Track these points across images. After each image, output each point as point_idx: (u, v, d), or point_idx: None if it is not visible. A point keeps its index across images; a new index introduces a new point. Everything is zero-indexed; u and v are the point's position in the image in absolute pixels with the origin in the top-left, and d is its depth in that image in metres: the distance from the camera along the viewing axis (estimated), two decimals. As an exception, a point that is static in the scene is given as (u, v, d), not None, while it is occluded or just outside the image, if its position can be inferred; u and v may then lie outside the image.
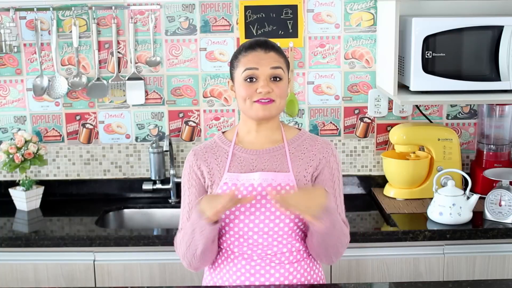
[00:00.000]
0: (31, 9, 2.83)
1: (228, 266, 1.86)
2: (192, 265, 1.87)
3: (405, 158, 2.82)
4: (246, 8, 2.83)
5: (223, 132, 1.96)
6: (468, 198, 2.50)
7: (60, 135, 2.98)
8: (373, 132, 2.97)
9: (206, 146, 1.93)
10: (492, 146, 2.83)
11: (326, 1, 2.85)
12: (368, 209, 2.78)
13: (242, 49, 1.84)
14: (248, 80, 1.80)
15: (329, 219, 1.74)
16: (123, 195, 3.00)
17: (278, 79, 1.81)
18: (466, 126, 2.97)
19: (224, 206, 1.70)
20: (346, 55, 2.90)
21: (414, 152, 2.83)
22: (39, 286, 2.48)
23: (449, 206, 2.46)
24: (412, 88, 2.55)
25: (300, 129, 1.96)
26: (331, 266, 2.47)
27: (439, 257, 2.47)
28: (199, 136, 2.97)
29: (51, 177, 3.01)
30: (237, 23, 2.86)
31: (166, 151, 2.87)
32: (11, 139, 2.92)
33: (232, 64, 1.87)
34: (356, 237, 2.40)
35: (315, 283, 1.91)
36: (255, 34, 2.83)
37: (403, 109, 2.93)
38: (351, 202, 1.98)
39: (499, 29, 2.48)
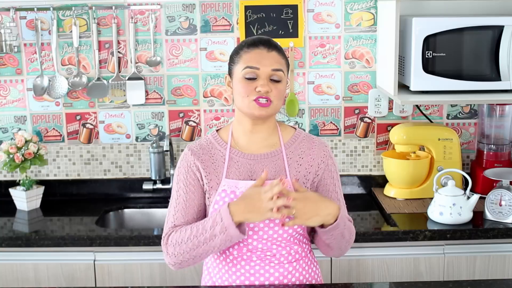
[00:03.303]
0: (32, 9, 2.83)
1: (227, 267, 1.86)
2: (181, 265, 1.83)
3: (406, 158, 2.82)
4: (247, 8, 2.84)
5: (217, 131, 1.93)
6: (468, 198, 2.50)
7: (61, 135, 2.98)
8: (374, 132, 2.97)
9: (202, 147, 1.89)
10: (492, 146, 2.83)
11: (326, 1, 2.85)
12: (368, 209, 2.78)
13: (244, 45, 1.82)
14: (248, 78, 1.78)
15: (337, 231, 1.79)
16: (123, 195, 3.00)
17: (277, 80, 1.79)
18: (466, 126, 2.97)
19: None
20: (346, 55, 2.90)
21: (414, 152, 2.83)
22: (39, 286, 2.48)
23: (449, 206, 2.46)
24: (412, 88, 2.55)
25: (295, 128, 1.94)
26: (331, 266, 2.47)
27: (439, 257, 2.47)
28: (199, 136, 2.97)
29: (51, 177, 3.01)
30: (237, 23, 2.86)
31: (167, 151, 2.87)
32: (12, 139, 2.92)
33: (232, 59, 1.83)
34: (356, 237, 2.38)
35: (313, 281, 1.91)
36: (255, 34, 2.83)
37: (403, 109, 2.93)
38: (351, 202, 1.99)
39: (499, 29, 2.48)
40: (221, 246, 1.76)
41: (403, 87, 2.64)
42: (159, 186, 2.95)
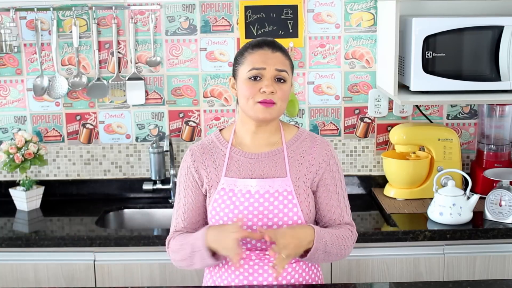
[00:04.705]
0: (31, 9, 2.83)
1: (226, 265, 1.86)
2: (183, 268, 1.89)
3: (405, 158, 2.82)
4: (247, 8, 2.84)
5: (220, 130, 1.94)
6: (468, 198, 2.50)
7: (60, 135, 2.98)
8: (373, 132, 2.97)
9: (204, 146, 1.90)
10: (492, 146, 2.83)
11: (326, 1, 2.85)
12: (368, 209, 2.78)
13: (249, 46, 1.82)
14: (252, 78, 1.78)
15: (319, 254, 1.79)
16: (123, 195, 3.00)
17: (282, 81, 1.79)
18: (466, 126, 2.97)
19: (237, 245, 1.68)
20: (346, 55, 2.90)
21: (414, 152, 2.83)
22: (39, 286, 2.48)
23: (449, 206, 2.46)
24: (412, 88, 2.55)
25: (298, 127, 1.94)
26: (331, 266, 2.47)
27: (439, 257, 2.47)
28: (199, 136, 2.97)
29: (51, 177, 3.01)
30: (237, 23, 2.86)
31: (166, 151, 2.87)
32: (12, 139, 2.92)
33: (237, 61, 1.84)
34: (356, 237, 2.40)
35: (314, 282, 1.91)
36: (255, 34, 2.83)
37: (403, 109, 2.93)
38: (351, 202, 1.98)
39: (499, 29, 2.48)
40: (202, 263, 1.79)
41: (403, 87, 2.64)
42: (159, 186, 2.95)
